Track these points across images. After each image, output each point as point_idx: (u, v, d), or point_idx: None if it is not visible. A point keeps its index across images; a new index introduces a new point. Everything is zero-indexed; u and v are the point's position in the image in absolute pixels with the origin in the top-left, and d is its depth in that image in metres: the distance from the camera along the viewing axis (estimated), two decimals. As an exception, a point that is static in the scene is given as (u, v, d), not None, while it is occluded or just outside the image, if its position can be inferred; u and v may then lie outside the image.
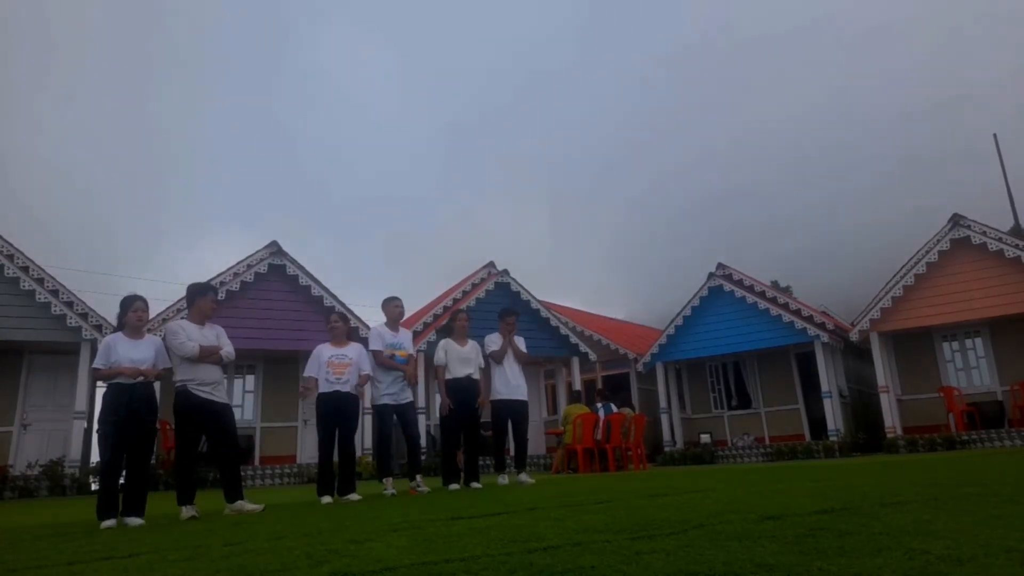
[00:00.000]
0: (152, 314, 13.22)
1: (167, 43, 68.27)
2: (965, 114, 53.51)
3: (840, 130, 65.33)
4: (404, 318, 7.13)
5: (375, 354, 6.55)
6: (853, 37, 67.22)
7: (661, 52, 76.00)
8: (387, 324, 6.78)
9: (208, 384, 5.20)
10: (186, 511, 4.92)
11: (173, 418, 5.25)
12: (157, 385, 5.26)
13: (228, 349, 5.36)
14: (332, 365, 6.15)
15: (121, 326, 5.29)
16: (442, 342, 7.13)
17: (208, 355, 5.20)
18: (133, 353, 5.05)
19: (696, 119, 73.67)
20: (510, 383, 7.19)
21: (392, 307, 6.83)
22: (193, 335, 5.23)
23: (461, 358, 6.98)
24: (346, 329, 6.60)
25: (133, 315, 5.17)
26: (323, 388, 6.12)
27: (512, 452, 7.34)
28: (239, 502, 5.19)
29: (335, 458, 6.22)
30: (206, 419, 5.19)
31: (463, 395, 6.91)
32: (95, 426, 5.34)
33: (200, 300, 5.42)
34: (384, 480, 6.43)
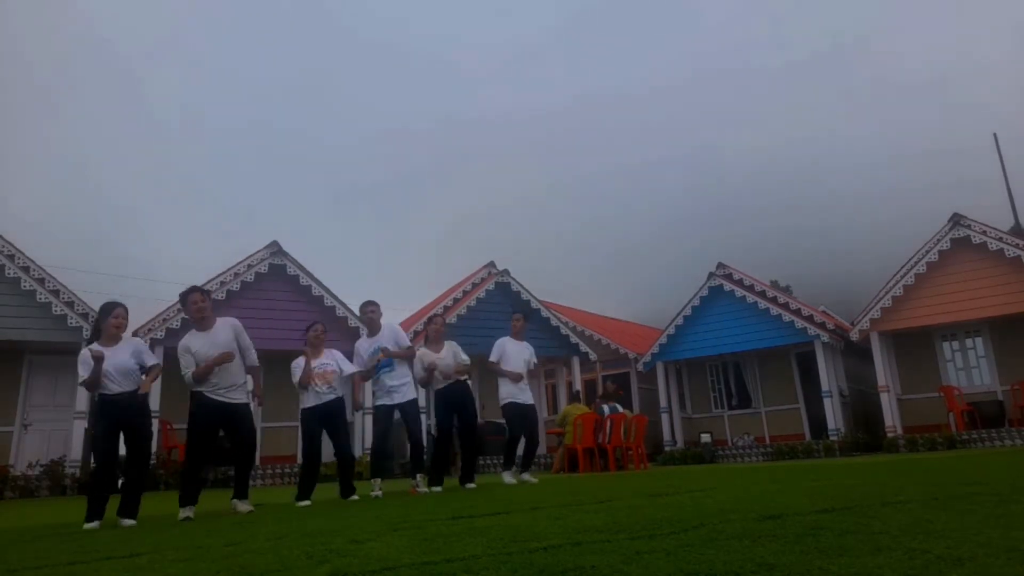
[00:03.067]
0: (152, 315, 13.34)
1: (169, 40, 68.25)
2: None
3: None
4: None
5: (357, 377, 6.47)
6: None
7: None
8: (367, 335, 6.65)
9: (224, 387, 5.17)
10: (183, 512, 4.93)
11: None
12: (157, 384, 5.26)
13: (239, 353, 5.27)
14: (319, 376, 6.10)
15: (96, 333, 5.14)
16: (419, 352, 6.82)
17: (206, 373, 5.09)
18: (111, 359, 4.92)
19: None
20: (519, 384, 7.19)
21: (364, 313, 6.66)
22: (197, 348, 5.11)
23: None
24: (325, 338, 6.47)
25: (112, 321, 5.05)
26: (311, 402, 6.10)
27: (521, 453, 7.36)
28: (235, 500, 5.29)
29: (322, 463, 6.24)
30: (221, 421, 5.20)
31: (452, 400, 6.86)
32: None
33: (184, 305, 5.38)
34: (373, 481, 6.43)
